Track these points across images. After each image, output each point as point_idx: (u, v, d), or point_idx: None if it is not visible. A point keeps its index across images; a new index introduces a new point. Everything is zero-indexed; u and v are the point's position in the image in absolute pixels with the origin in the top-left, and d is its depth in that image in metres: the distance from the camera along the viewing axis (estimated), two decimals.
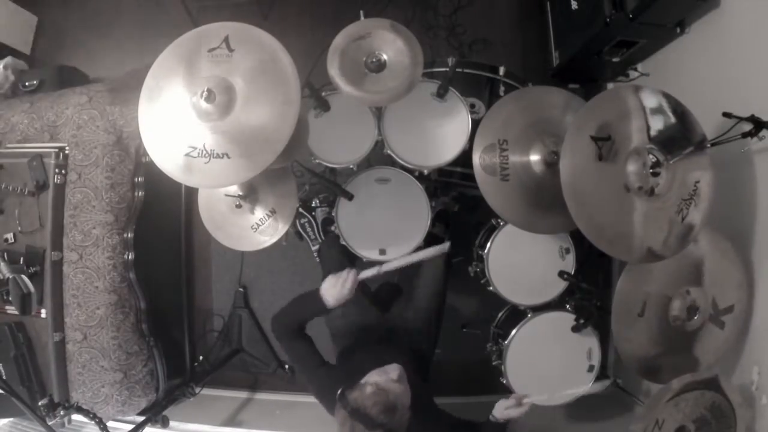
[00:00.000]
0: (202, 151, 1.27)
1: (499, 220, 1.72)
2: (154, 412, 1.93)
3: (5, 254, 1.95)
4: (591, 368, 1.74)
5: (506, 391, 1.76)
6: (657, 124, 1.31)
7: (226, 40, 1.30)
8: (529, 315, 1.74)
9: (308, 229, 2.21)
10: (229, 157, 1.26)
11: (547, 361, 1.74)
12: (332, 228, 1.80)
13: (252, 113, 1.27)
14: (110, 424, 1.76)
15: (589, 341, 1.73)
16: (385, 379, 1.16)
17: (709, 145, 1.35)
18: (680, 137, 1.32)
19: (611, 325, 1.44)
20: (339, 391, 1.15)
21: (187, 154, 1.28)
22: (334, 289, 1.34)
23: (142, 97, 1.32)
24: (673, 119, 1.32)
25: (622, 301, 1.43)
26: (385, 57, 1.54)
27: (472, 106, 1.80)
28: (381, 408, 1.08)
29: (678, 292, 1.45)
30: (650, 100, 1.32)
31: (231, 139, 1.27)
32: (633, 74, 2.30)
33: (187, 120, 1.29)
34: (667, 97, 1.34)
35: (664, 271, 1.43)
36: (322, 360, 1.39)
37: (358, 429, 1.08)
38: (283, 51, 1.30)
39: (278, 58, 1.29)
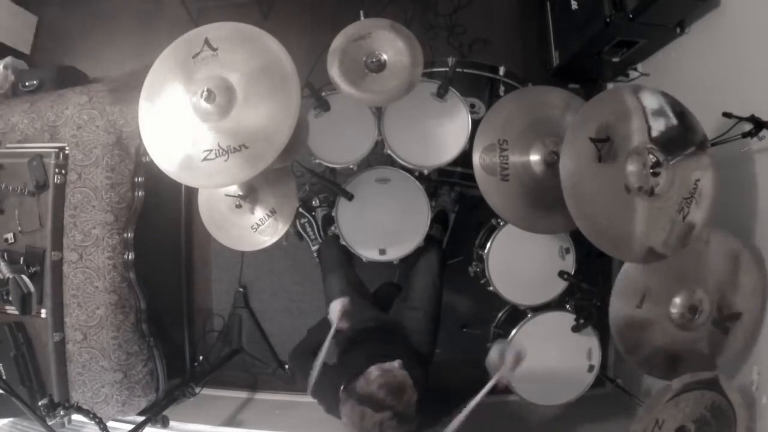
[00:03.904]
0: (219, 150, 1.26)
1: (499, 220, 1.72)
2: (154, 412, 1.93)
3: (5, 254, 1.95)
4: (591, 368, 1.74)
5: (506, 390, 1.75)
6: (658, 125, 1.31)
7: (207, 41, 1.30)
8: (529, 315, 1.74)
9: (308, 229, 2.22)
10: (247, 147, 1.26)
11: (547, 361, 1.74)
12: (332, 228, 1.80)
13: (255, 97, 1.28)
14: (110, 424, 1.76)
15: (589, 341, 1.73)
16: (388, 365, 1.16)
17: (709, 145, 1.35)
18: (681, 137, 1.32)
19: (609, 315, 1.44)
20: (342, 386, 1.14)
21: (204, 159, 1.27)
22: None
23: (142, 115, 1.33)
24: (674, 120, 1.32)
25: (621, 288, 1.43)
26: (385, 57, 1.54)
27: (472, 106, 1.80)
28: (388, 390, 1.08)
29: (680, 290, 1.44)
30: (650, 101, 1.32)
31: (243, 129, 1.27)
32: (633, 74, 2.30)
33: (191, 126, 1.29)
34: (667, 97, 1.34)
35: (669, 268, 1.42)
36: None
37: (367, 414, 1.07)
38: (262, 32, 1.31)
39: (260, 40, 1.30)
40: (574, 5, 2.12)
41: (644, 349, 1.47)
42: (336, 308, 1.41)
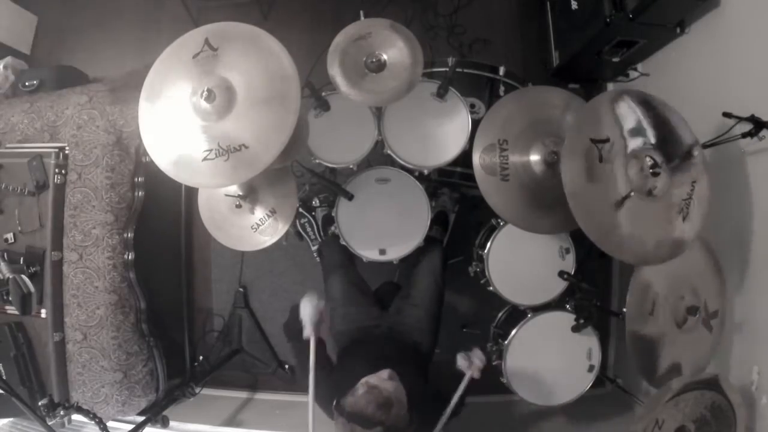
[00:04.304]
0: (219, 150, 1.26)
1: (499, 220, 1.72)
2: (154, 412, 1.92)
3: (5, 254, 1.95)
4: (591, 368, 1.74)
5: (506, 391, 1.76)
6: (635, 143, 1.31)
7: (207, 41, 1.30)
8: (529, 315, 1.74)
9: (308, 229, 2.22)
10: (247, 147, 1.26)
11: (547, 361, 1.74)
12: (332, 228, 1.80)
13: (254, 97, 1.28)
14: (110, 424, 1.76)
15: (589, 341, 1.73)
16: (376, 379, 1.17)
17: (696, 153, 1.35)
18: (663, 153, 1.32)
19: (625, 325, 1.45)
20: (334, 403, 1.15)
21: (204, 159, 1.27)
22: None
23: (142, 115, 1.33)
24: (652, 139, 1.31)
25: (636, 300, 1.44)
26: (385, 57, 1.54)
27: (472, 106, 1.80)
28: (375, 405, 1.09)
29: (681, 292, 1.46)
30: (628, 120, 1.31)
31: (243, 129, 1.27)
32: (633, 74, 2.30)
33: (192, 126, 1.29)
34: (648, 109, 1.33)
35: (671, 272, 1.43)
36: (324, 363, 1.40)
37: (357, 431, 1.08)
38: (262, 32, 1.31)
39: (260, 40, 1.30)
40: (574, 5, 2.12)
41: (659, 360, 1.48)
42: (308, 313, 1.42)
